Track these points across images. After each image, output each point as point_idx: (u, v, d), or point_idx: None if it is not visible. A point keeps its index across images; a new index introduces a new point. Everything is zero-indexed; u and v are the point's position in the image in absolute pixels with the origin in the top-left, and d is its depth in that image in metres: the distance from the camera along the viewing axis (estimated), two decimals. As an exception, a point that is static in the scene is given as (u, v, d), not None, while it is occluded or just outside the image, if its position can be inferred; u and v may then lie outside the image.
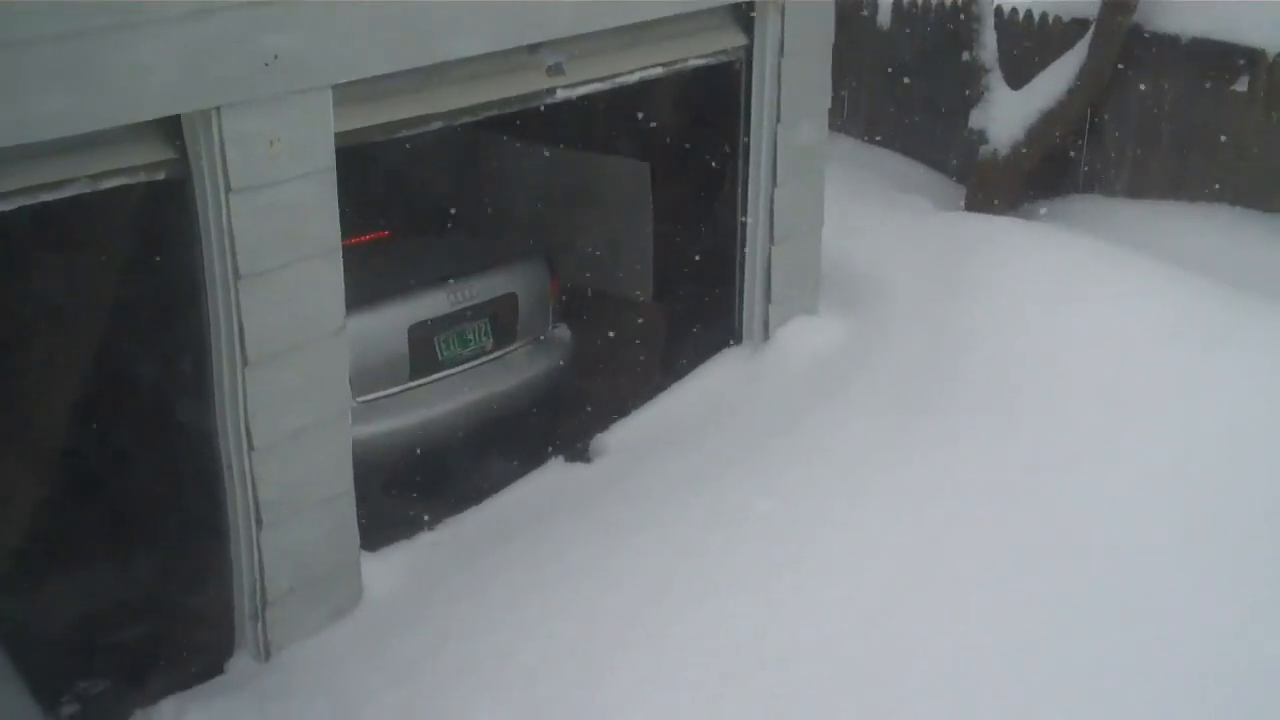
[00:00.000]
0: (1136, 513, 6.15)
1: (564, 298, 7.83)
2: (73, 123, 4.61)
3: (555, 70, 6.26)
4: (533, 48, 6.14)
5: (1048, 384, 6.85)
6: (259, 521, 5.50)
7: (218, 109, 4.97)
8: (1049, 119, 9.59)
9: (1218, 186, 9.19)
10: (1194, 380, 6.79)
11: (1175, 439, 6.51)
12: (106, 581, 6.35)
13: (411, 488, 6.84)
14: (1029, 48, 10.10)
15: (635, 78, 6.70)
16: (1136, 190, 9.68)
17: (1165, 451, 6.44)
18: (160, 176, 5.05)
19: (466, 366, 7.16)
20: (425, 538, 6.33)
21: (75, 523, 6.70)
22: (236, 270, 5.17)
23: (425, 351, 6.97)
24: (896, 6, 10.95)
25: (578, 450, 7.03)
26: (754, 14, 7.08)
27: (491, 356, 7.29)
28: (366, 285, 6.21)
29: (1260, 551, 5.92)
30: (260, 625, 5.64)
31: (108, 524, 6.64)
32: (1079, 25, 9.72)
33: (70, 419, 6.88)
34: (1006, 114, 9.77)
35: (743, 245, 7.52)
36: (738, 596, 5.74)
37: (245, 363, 5.28)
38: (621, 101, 7.08)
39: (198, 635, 5.94)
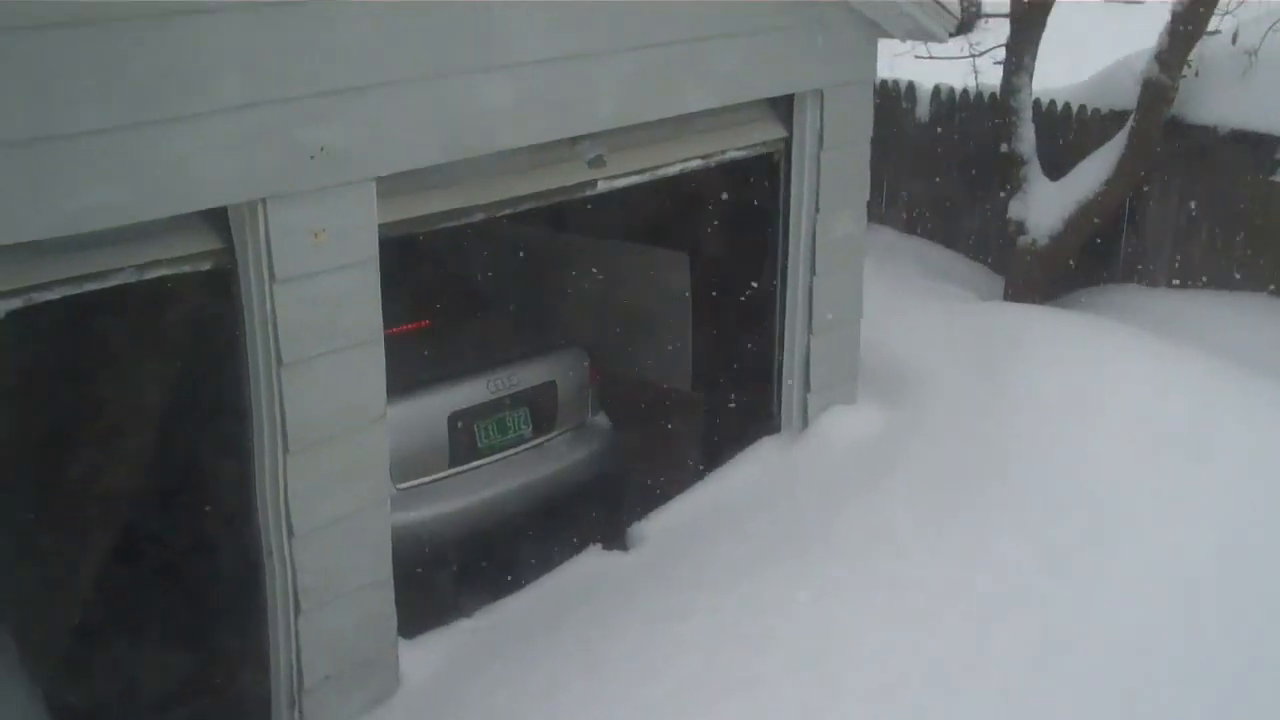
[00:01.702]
0: (1178, 611, 6.10)
1: (603, 387, 7.86)
2: (120, 214, 4.68)
3: (596, 162, 6.32)
4: (574, 140, 6.22)
5: (1088, 475, 6.81)
6: (297, 608, 5.51)
7: (263, 200, 5.04)
8: (1087, 209, 9.62)
9: (1257, 276, 9.18)
10: (1237, 473, 6.75)
11: (1218, 533, 6.47)
12: (147, 666, 6.37)
13: (450, 575, 6.85)
14: (1067, 139, 10.15)
15: (675, 169, 6.77)
16: (1175, 279, 9.69)
17: (1207, 547, 6.39)
18: (206, 266, 5.12)
19: (505, 455, 7.18)
20: (463, 625, 6.32)
21: (116, 607, 6.73)
22: (279, 358, 5.22)
23: (465, 439, 7.00)
24: (935, 98, 11.05)
25: (616, 538, 7.03)
26: (793, 106, 7.15)
27: (530, 445, 7.31)
28: (407, 373, 6.27)
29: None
30: (297, 713, 5.64)
31: (148, 609, 6.67)
32: (1117, 117, 9.78)
33: (111, 503, 6.93)
34: (1045, 205, 9.81)
35: (781, 335, 7.54)
36: (778, 686, 5.70)
37: (286, 449, 5.32)
38: (661, 192, 7.15)
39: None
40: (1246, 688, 5.71)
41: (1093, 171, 9.63)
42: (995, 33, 11.10)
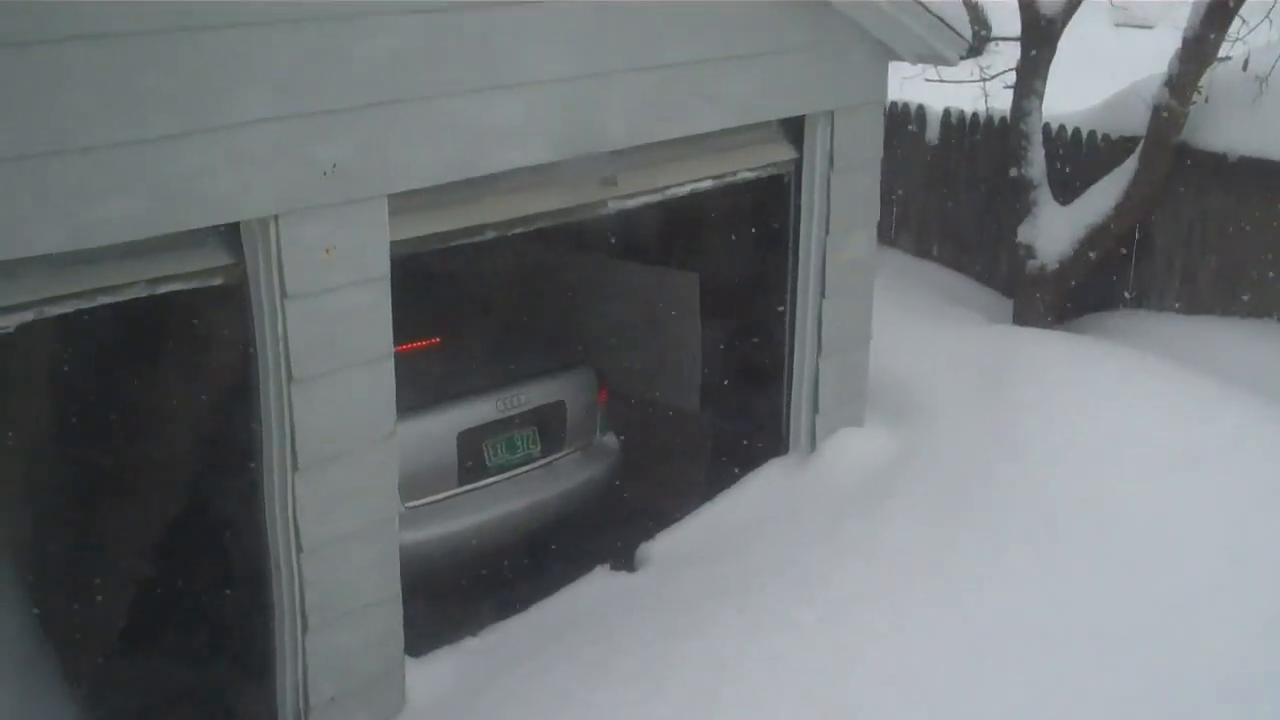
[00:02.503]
0: (1182, 620, 6.12)
1: (611, 406, 7.86)
2: (133, 229, 4.69)
3: (608, 182, 6.33)
4: (585, 160, 6.22)
5: (1093, 500, 6.83)
6: (305, 626, 5.50)
7: (276, 217, 5.05)
8: (1097, 234, 9.62)
9: (1266, 303, 9.18)
10: (1241, 497, 6.75)
11: (1224, 555, 6.47)
12: (153, 683, 6.36)
13: (457, 593, 6.84)
14: (1077, 164, 10.16)
15: (686, 190, 6.78)
16: (1184, 305, 9.69)
17: (1213, 569, 6.40)
18: (217, 281, 5.13)
19: (514, 473, 7.19)
20: (470, 644, 6.31)
21: (122, 623, 6.73)
22: (290, 374, 5.22)
23: (473, 458, 7.00)
24: (945, 121, 11.06)
25: (623, 559, 7.02)
26: (804, 128, 7.17)
27: (539, 464, 7.31)
28: (417, 391, 6.27)
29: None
30: (303, 729, 5.64)
31: (155, 625, 6.67)
32: (1127, 143, 9.78)
33: (118, 517, 6.94)
34: (1055, 229, 9.80)
35: (790, 356, 7.55)
36: (781, 707, 5.70)
37: (296, 466, 5.32)
38: (672, 212, 7.15)
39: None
40: (1249, 702, 5.70)
41: (1102, 196, 9.63)
42: (1006, 56, 11.10)
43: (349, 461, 5.49)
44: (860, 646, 6.06)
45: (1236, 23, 9.08)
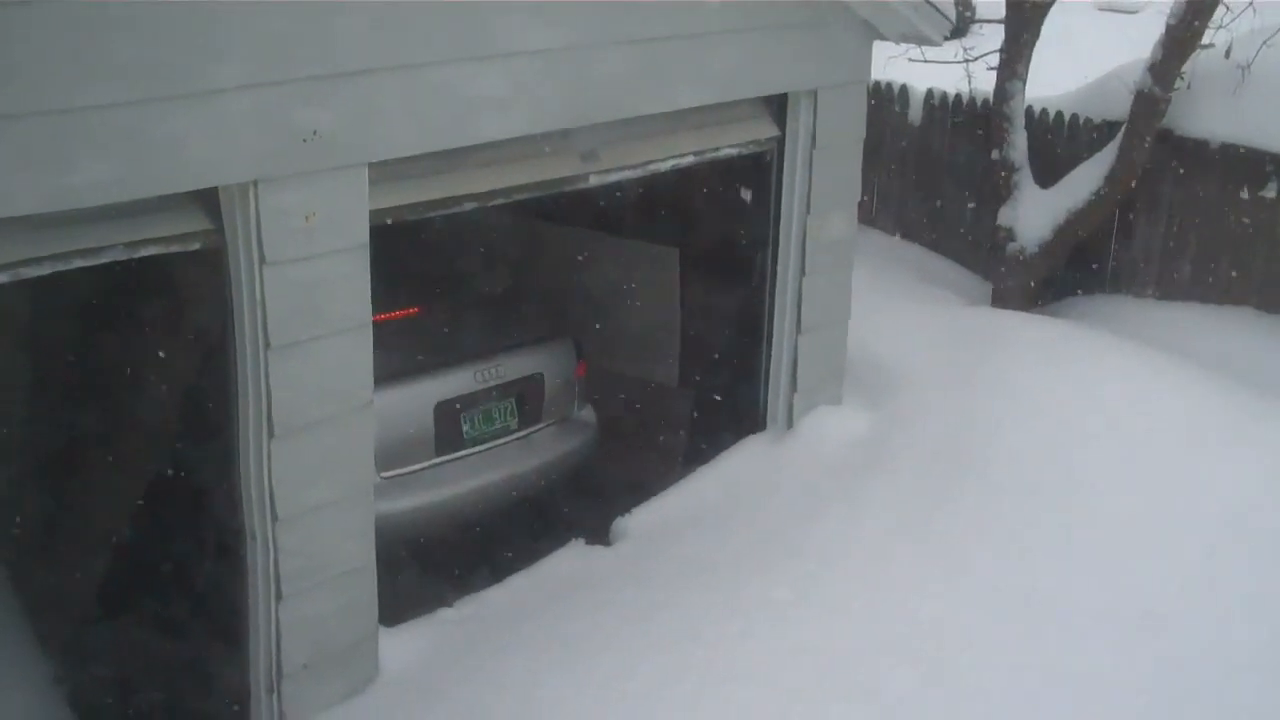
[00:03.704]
0: (1157, 602, 6.17)
1: (590, 380, 7.86)
2: (113, 191, 4.67)
3: (589, 156, 6.32)
4: (567, 133, 6.22)
5: (1068, 478, 6.87)
6: (278, 594, 5.50)
7: (255, 183, 5.03)
8: (1077, 219, 9.64)
9: (1245, 290, 9.22)
10: (1210, 476, 6.82)
11: (1193, 533, 6.53)
12: (124, 649, 6.36)
13: (433, 565, 6.84)
14: (1059, 148, 10.18)
15: (668, 165, 6.77)
16: (1163, 291, 9.72)
17: (1187, 550, 6.44)
18: (195, 246, 5.11)
19: (491, 445, 7.18)
20: (444, 615, 6.31)
21: (96, 589, 6.71)
22: (267, 341, 5.21)
23: (450, 429, 6.99)
24: (928, 102, 11.06)
25: (599, 533, 7.03)
26: (787, 106, 7.16)
27: (516, 436, 7.31)
28: (394, 361, 6.26)
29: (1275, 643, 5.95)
30: (276, 700, 5.63)
31: (127, 592, 6.66)
32: (1109, 127, 9.80)
33: (93, 483, 6.92)
34: (1035, 213, 9.82)
35: (770, 333, 7.56)
36: (753, 684, 5.72)
37: (272, 433, 5.31)
38: (654, 187, 7.15)
39: (215, 708, 5.93)
40: (1224, 689, 5.74)
41: (1083, 181, 9.65)
42: (990, 38, 11.11)
43: (325, 430, 5.48)
44: (837, 623, 6.08)
45: (1220, 10, 9.09)
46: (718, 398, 8.02)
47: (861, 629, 6.04)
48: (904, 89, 11.20)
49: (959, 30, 10.12)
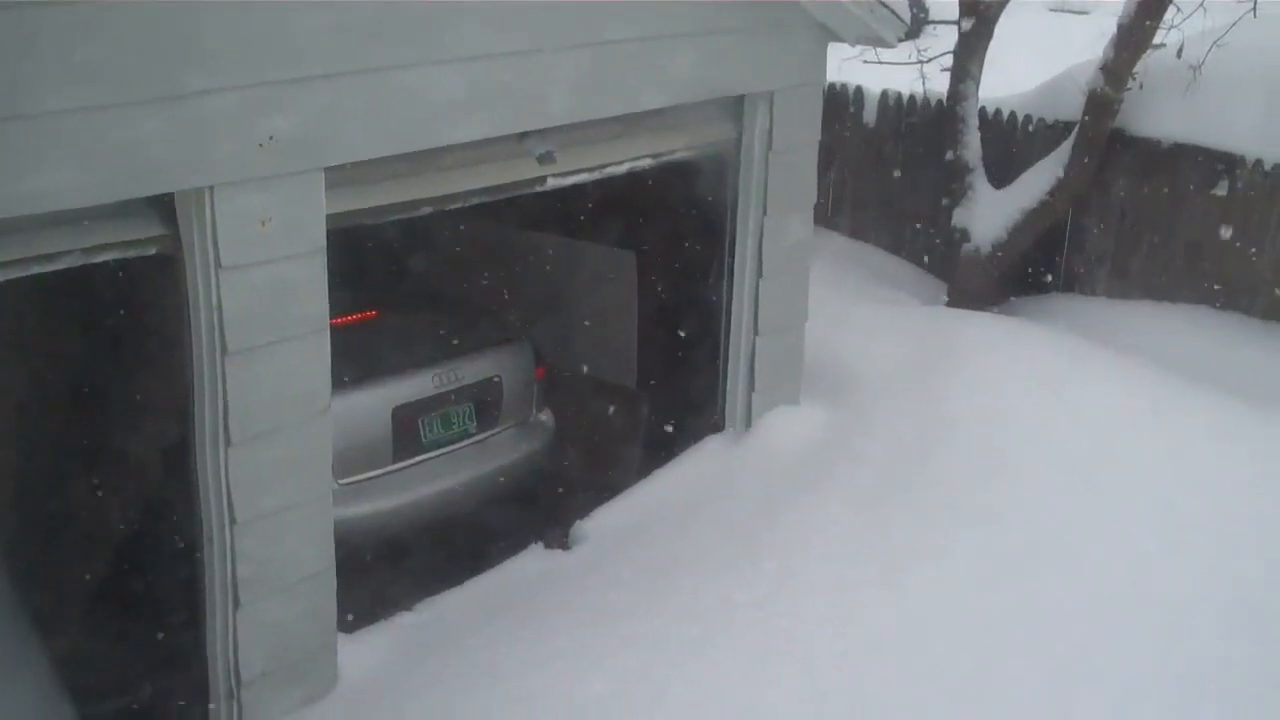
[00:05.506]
0: (1114, 596, 6.20)
1: (548, 383, 7.85)
2: (69, 198, 4.64)
3: (546, 159, 6.31)
4: (523, 136, 6.21)
5: (1025, 474, 6.92)
6: (236, 601, 5.47)
7: (211, 188, 5.00)
8: (1031, 219, 9.71)
9: (1197, 288, 9.30)
10: (1167, 469, 6.89)
11: (1148, 525, 6.59)
12: (83, 656, 6.30)
13: (392, 570, 6.82)
14: (1013, 148, 10.24)
15: (625, 168, 6.77)
16: (1116, 290, 9.80)
17: (1139, 537, 6.51)
18: (152, 251, 5.08)
19: (449, 449, 7.16)
20: (403, 620, 6.30)
21: (55, 594, 6.66)
22: (224, 346, 5.18)
23: (409, 434, 6.97)
24: (883, 103, 11.10)
25: (558, 536, 7.02)
26: (744, 108, 7.18)
27: (474, 440, 7.29)
28: (352, 366, 6.23)
29: (1239, 631, 6.01)
30: (235, 707, 5.60)
31: (87, 598, 6.61)
32: (1062, 127, 9.87)
33: (51, 487, 6.86)
34: (989, 213, 9.88)
35: (727, 335, 7.57)
36: (715, 687, 5.72)
37: (229, 440, 5.28)
38: (610, 190, 7.15)
39: (175, 715, 5.89)
40: (1195, 680, 5.79)
41: (1037, 181, 9.72)
42: (943, 39, 11.16)
43: (283, 435, 5.45)
44: (798, 626, 6.09)
45: (1171, 10, 9.17)
46: (676, 399, 8.02)
47: (821, 631, 6.05)
48: (859, 90, 11.24)
49: (913, 31, 10.17)
